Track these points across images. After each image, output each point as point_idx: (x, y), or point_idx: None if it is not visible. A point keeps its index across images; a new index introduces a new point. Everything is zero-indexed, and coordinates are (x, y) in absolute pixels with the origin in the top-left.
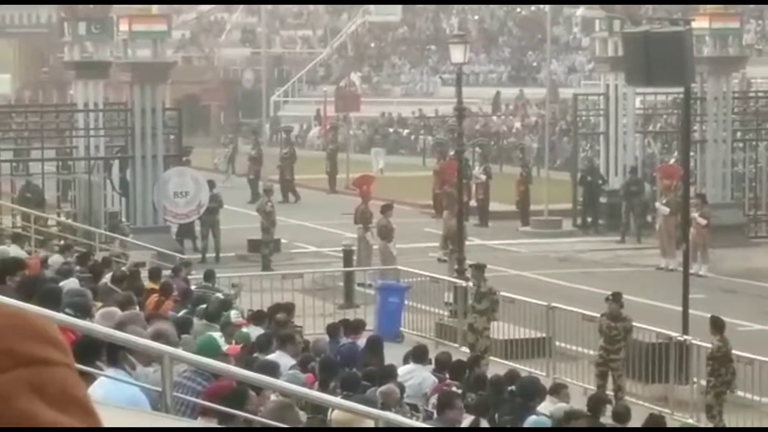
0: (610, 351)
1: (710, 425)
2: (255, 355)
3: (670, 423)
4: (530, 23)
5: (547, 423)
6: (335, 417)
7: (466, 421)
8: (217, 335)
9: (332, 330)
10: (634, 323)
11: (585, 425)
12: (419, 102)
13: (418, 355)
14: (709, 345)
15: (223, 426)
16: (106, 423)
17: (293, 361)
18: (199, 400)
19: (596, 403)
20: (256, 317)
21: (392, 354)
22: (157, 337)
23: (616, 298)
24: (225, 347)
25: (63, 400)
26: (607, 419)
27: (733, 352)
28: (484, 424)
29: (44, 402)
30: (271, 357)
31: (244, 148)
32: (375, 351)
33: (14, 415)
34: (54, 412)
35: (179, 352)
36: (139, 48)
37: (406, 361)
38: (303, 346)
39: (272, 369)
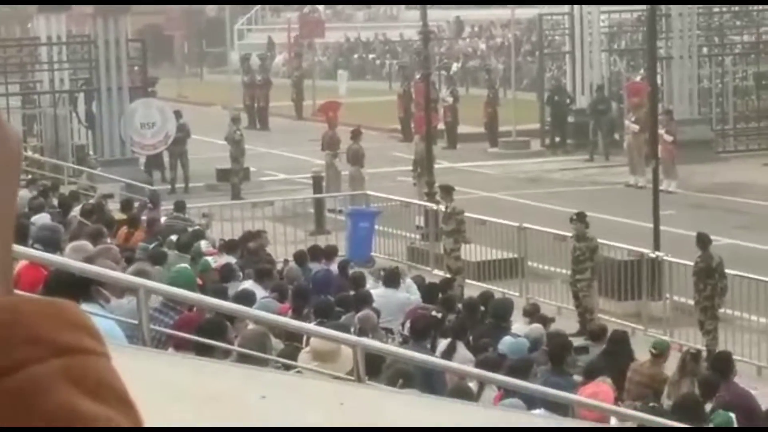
0: (576, 272)
1: (704, 341)
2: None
3: (644, 339)
4: None
5: (525, 343)
6: (313, 345)
7: (442, 344)
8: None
9: (299, 257)
10: (605, 241)
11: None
12: (383, 26)
13: (389, 278)
14: (681, 261)
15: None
16: None
17: (266, 292)
18: (177, 332)
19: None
20: (227, 246)
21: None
22: (138, 275)
23: (581, 217)
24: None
25: (101, 391)
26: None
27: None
28: (460, 346)
29: (82, 393)
30: (245, 286)
31: (208, 77)
32: (347, 275)
33: (51, 408)
34: (94, 404)
35: (154, 284)
36: None
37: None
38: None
39: (248, 298)
